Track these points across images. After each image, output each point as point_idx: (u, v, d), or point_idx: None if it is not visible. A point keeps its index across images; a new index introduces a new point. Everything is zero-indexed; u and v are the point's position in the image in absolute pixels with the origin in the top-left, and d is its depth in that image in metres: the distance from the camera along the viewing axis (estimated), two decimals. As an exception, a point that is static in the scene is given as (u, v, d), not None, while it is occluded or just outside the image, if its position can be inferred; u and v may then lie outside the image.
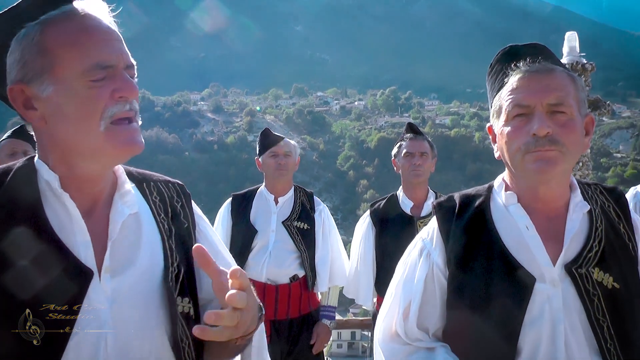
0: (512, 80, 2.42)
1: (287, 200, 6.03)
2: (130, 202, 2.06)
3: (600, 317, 2.31)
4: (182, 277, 2.11)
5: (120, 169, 2.14)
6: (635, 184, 4.97)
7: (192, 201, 2.35)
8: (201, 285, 2.25)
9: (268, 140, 6.02)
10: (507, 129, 2.39)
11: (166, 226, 2.16)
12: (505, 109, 2.41)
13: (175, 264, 2.10)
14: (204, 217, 2.42)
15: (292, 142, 6.16)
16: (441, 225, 2.59)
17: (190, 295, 2.14)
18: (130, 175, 2.20)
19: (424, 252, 2.60)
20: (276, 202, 5.96)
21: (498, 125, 2.48)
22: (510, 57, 2.50)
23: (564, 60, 9.54)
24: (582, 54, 9.74)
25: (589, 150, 9.99)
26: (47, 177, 1.94)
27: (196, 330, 1.76)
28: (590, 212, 2.48)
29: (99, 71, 1.85)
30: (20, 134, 5.67)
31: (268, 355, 2.43)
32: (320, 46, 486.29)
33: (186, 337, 2.05)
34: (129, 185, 2.11)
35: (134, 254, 2.03)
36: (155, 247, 2.10)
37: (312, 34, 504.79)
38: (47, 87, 1.87)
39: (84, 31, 1.88)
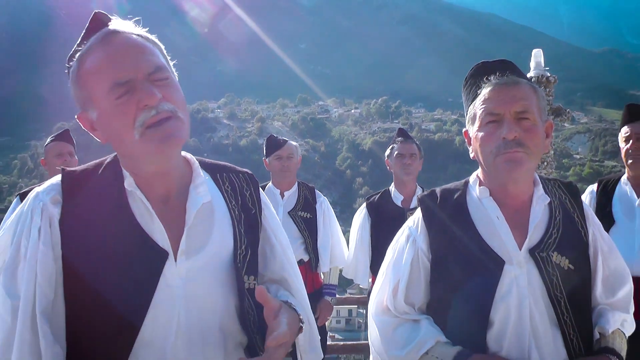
0: (484, 91, 2.46)
1: (292, 194, 6.13)
2: (203, 192, 2.06)
3: (558, 293, 2.38)
4: (249, 258, 2.12)
5: (195, 163, 2.14)
6: (592, 182, 5.03)
7: (260, 189, 2.33)
8: (267, 264, 2.30)
9: (273, 144, 6.12)
10: (481, 133, 2.45)
11: (236, 212, 2.16)
12: (479, 117, 2.46)
13: (243, 247, 2.11)
14: (269, 203, 2.40)
15: (294, 143, 6.24)
16: (425, 215, 2.63)
17: (256, 274, 2.15)
18: (205, 166, 2.21)
19: (410, 238, 2.64)
20: (282, 196, 6.04)
21: (473, 130, 2.52)
22: (482, 71, 2.54)
23: (531, 74, 9.57)
24: (547, 68, 9.76)
25: (552, 152, 9.99)
26: (126, 175, 1.98)
27: None
28: (550, 203, 2.54)
29: (118, 88, 1.83)
30: (65, 137, 5.79)
31: (319, 344, 2.43)
32: (321, 62, 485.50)
33: (251, 310, 2.07)
34: (202, 177, 2.11)
35: (207, 238, 2.04)
36: (226, 232, 2.10)
37: (314, 51, 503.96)
38: (93, 113, 1.92)
39: (101, 57, 1.87)
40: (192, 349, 1.93)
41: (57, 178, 2.01)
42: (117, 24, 1.96)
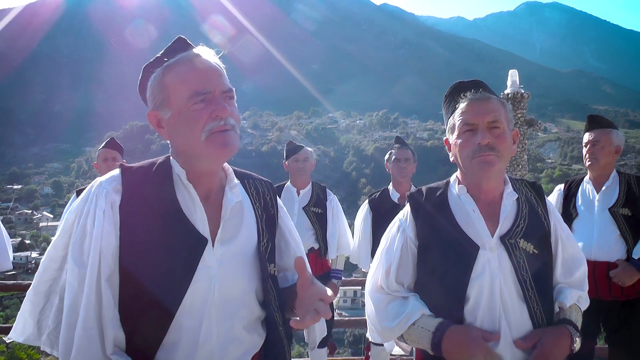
0: (462, 106, 2.52)
1: (306, 192, 6.07)
2: (236, 192, 2.13)
3: (524, 273, 2.43)
4: (270, 249, 2.21)
5: (229, 169, 2.20)
6: (561, 182, 5.08)
7: (277, 195, 2.41)
8: (282, 256, 2.38)
9: (292, 149, 6.09)
10: (460, 140, 2.50)
11: (260, 212, 2.23)
12: (458, 126, 2.52)
13: (265, 240, 2.19)
14: (284, 207, 2.48)
15: (310, 149, 6.17)
16: (413, 209, 2.67)
17: (275, 262, 2.24)
18: (236, 174, 2.25)
19: (401, 228, 2.67)
20: (298, 193, 6.01)
21: (452, 138, 2.56)
22: (459, 89, 2.60)
23: (507, 91, 9.55)
24: (521, 86, 9.72)
25: (526, 157, 9.96)
26: (178, 171, 2.03)
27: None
28: (518, 199, 2.58)
29: (197, 97, 1.92)
30: (111, 144, 5.98)
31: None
32: (331, 80, 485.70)
33: (272, 291, 2.16)
34: (236, 180, 2.18)
35: (238, 230, 2.11)
36: (252, 227, 2.17)
37: (325, 71, 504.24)
38: (167, 113, 1.98)
39: (189, 71, 1.97)
40: (222, 319, 2.01)
41: (117, 171, 2.06)
42: (202, 49, 2.07)
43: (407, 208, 2.73)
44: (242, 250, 2.11)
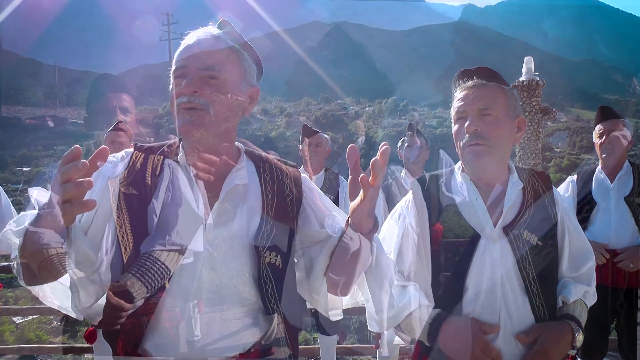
0: (457, 94, 2.51)
1: (319, 177, 6.05)
2: (241, 175, 2.05)
3: (526, 265, 2.37)
4: (274, 236, 2.04)
5: (242, 152, 2.17)
6: (569, 172, 5.10)
7: (304, 178, 2.29)
8: (304, 234, 2.19)
9: (306, 132, 6.11)
10: (455, 128, 2.48)
11: (270, 197, 2.10)
12: (453, 115, 2.52)
13: (268, 226, 2.03)
14: (315, 189, 2.31)
15: (325, 135, 6.16)
16: (415, 196, 2.62)
17: (282, 252, 2.05)
18: (253, 156, 2.20)
19: (402, 215, 2.64)
20: (310, 179, 5.96)
21: (453, 127, 2.53)
22: (459, 77, 2.56)
23: (522, 78, 9.48)
24: (537, 73, 9.65)
25: (540, 145, 9.91)
26: (180, 151, 2.05)
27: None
28: (523, 188, 2.52)
29: (176, 72, 1.93)
30: (117, 127, 6.03)
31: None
32: (340, 66, 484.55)
33: (270, 282, 2.00)
34: (244, 163, 2.10)
35: (235, 214, 2.01)
36: (255, 212, 2.04)
37: (335, 57, 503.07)
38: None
39: (181, 49, 1.98)
40: (211, 301, 1.93)
41: (131, 149, 2.10)
42: (205, 28, 2.09)
43: (409, 195, 2.68)
44: (237, 234, 1.99)
